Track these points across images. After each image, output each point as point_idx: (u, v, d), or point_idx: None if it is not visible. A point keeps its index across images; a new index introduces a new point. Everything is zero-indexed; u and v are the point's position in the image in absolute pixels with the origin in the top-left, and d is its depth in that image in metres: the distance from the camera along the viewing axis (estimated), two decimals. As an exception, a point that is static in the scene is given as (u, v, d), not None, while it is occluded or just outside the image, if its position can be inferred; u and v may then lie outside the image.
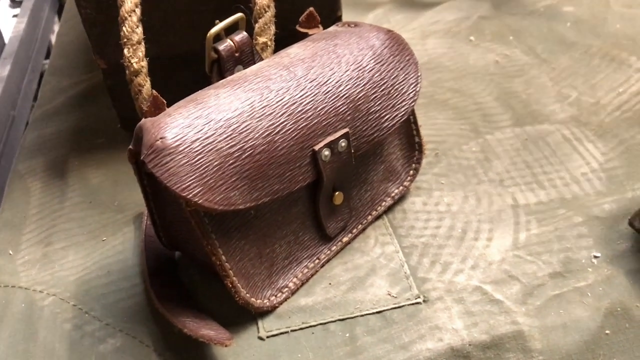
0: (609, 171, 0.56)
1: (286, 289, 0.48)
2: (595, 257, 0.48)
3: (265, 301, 0.46)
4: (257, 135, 0.42)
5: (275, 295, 0.47)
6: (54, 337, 0.47)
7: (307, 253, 0.49)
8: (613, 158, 0.57)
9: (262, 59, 0.50)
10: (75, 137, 0.67)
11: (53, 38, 1.23)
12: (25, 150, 0.67)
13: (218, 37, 0.48)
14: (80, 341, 0.47)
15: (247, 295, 0.45)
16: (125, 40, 0.49)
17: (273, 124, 0.42)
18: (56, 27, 1.30)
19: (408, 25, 0.80)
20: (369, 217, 0.53)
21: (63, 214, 0.58)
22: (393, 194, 0.54)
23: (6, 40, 1.08)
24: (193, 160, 0.39)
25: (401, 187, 0.54)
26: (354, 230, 0.52)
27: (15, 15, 1.41)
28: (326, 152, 0.45)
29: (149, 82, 0.50)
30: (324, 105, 0.45)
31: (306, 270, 0.49)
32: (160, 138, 0.39)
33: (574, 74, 0.68)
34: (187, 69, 0.58)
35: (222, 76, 0.48)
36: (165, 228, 0.48)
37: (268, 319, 0.46)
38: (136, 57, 0.49)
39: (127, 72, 0.49)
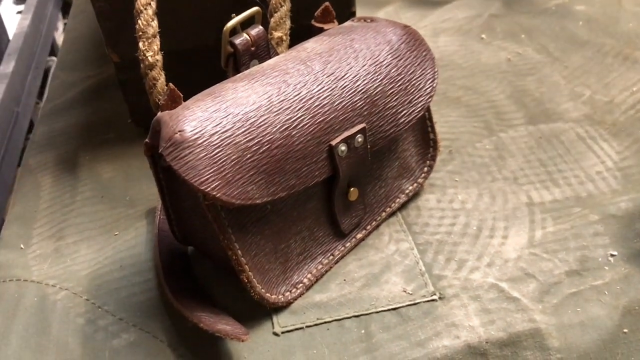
0: (624, 170, 0.55)
1: (301, 284, 0.47)
2: (612, 255, 0.48)
3: (280, 297, 0.46)
4: (274, 130, 0.41)
5: (290, 291, 0.47)
6: (67, 332, 0.47)
7: (322, 249, 0.49)
8: (628, 157, 0.57)
9: (277, 54, 0.50)
10: (86, 131, 0.67)
11: (57, 35, 1.23)
12: (36, 145, 0.66)
13: (234, 31, 0.48)
14: (94, 336, 0.46)
15: (263, 290, 0.45)
16: (140, 33, 0.48)
17: (290, 118, 0.42)
18: (60, 24, 1.29)
19: (419, 22, 0.80)
20: (383, 214, 0.52)
21: (74, 209, 0.57)
22: (407, 191, 0.54)
23: (10, 37, 1.07)
24: (211, 154, 0.39)
25: (415, 184, 0.54)
26: (368, 227, 0.51)
27: (19, 12, 1.41)
28: (343, 147, 0.45)
29: (163, 75, 0.50)
30: (341, 100, 0.45)
31: (320, 266, 0.49)
32: (179, 131, 0.39)
33: (587, 73, 0.68)
34: (201, 63, 0.58)
35: (237, 70, 0.48)
36: (180, 223, 0.48)
37: (283, 315, 0.46)
38: (151, 51, 0.48)
39: (141, 65, 0.49)
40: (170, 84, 0.43)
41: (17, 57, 1.01)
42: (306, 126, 0.43)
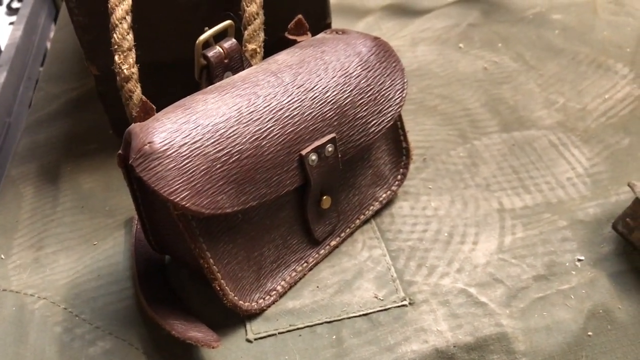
0: (593, 176, 0.56)
1: (274, 292, 0.48)
2: (579, 260, 0.49)
3: (253, 304, 0.47)
4: (244, 140, 0.42)
5: (264, 298, 0.48)
6: (44, 340, 0.47)
7: (295, 257, 0.50)
8: (598, 163, 0.58)
9: (251, 65, 0.51)
10: (68, 143, 0.68)
11: (49, 45, 1.24)
12: (18, 156, 0.67)
13: (207, 44, 0.49)
14: (70, 344, 0.47)
15: (235, 298, 0.46)
16: (116, 47, 0.50)
17: (260, 129, 0.43)
18: (52, 34, 1.30)
19: (399, 32, 0.81)
20: (357, 221, 0.53)
21: (55, 219, 0.58)
22: (381, 199, 0.55)
23: (2, 48, 1.08)
24: (180, 165, 0.40)
25: (389, 192, 0.55)
26: (342, 234, 0.52)
27: (11, 23, 1.42)
28: (313, 157, 0.46)
29: (139, 88, 0.51)
30: (311, 110, 0.46)
31: (294, 273, 0.50)
32: (149, 142, 0.40)
33: (562, 81, 0.69)
34: (177, 76, 0.59)
35: (211, 82, 0.49)
36: (155, 232, 0.49)
37: (256, 322, 0.47)
38: (127, 64, 0.49)
39: (118, 78, 0.50)
40: (143, 97, 0.44)
41: (8, 68, 1.02)
42: (276, 136, 0.44)
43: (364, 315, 0.47)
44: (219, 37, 0.50)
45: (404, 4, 0.87)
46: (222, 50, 0.49)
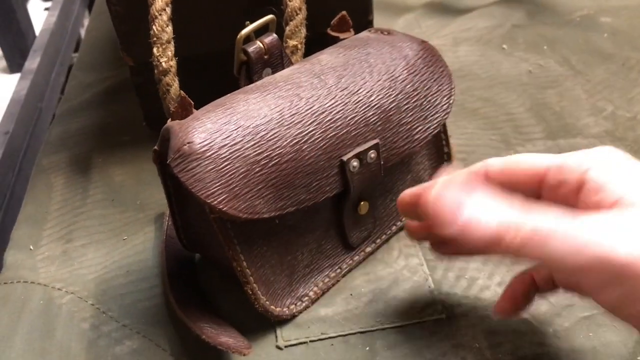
0: (643, 190, 0.54)
1: (306, 297, 0.47)
2: (628, 280, 0.47)
3: (284, 309, 0.46)
4: (285, 144, 0.41)
5: (295, 304, 0.46)
6: (71, 336, 0.47)
7: (329, 262, 0.48)
8: (648, 177, 0.55)
9: (291, 62, 0.50)
10: (100, 133, 0.67)
11: (83, 32, 1.24)
12: (50, 145, 0.67)
13: (248, 39, 0.47)
14: (97, 341, 0.46)
15: (267, 302, 0.44)
16: (155, 39, 0.48)
17: (302, 132, 0.42)
18: (86, 21, 1.30)
19: (439, 31, 0.79)
20: (394, 228, 0.52)
21: (84, 211, 0.57)
22: (419, 205, 0.53)
23: (37, 33, 1.08)
24: (219, 167, 0.39)
25: (428, 198, 0.53)
26: (378, 241, 0.51)
27: (46, 9, 1.42)
28: (355, 163, 0.44)
29: (177, 81, 0.49)
30: (354, 115, 0.44)
31: (327, 279, 0.48)
32: (188, 143, 0.38)
33: (610, 87, 0.66)
34: (215, 69, 0.57)
35: (250, 78, 0.48)
36: (187, 230, 0.47)
37: (287, 328, 0.46)
38: (165, 57, 0.48)
39: (155, 71, 0.49)
40: (182, 92, 0.43)
41: (42, 54, 1.02)
42: (317, 140, 0.42)
43: (399, 327, 0.45)
44: (259, 32, 0.48)
45: (445, 1, 0.85)
46: (262, 46, 0.47)
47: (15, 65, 1.52)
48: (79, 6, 1.30)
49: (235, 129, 0.40)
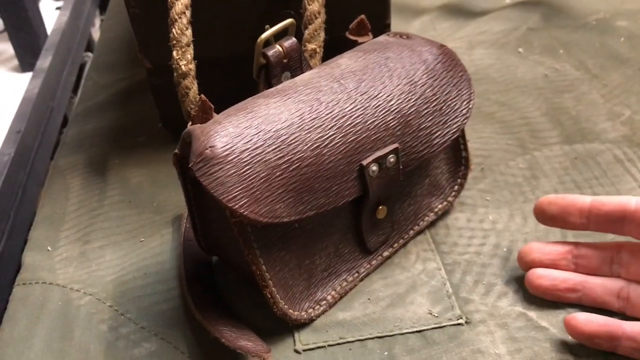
0: (662, 196, 0.53)
1: (324, 301, 0.47)
2: (647, 286, 0.46)
3: (302, 313, 0.46)
4: (305, 148, 0.41)
5: (313, 308, 0.46)
6: (90, 338, 0.47)
7: (347, 266, 0.48)
8: (667, 182, 0.55)
9: (310, 66, 0.50)
10: (117, 134, 0.67)
11: (94, 31, 1.25)
12: (66, 146, 0.67)
13: (267, 43, 0.48)
14: (115, 343, 0.46)
15: (285, 306, 0.44)
16: (174, 42, 0.48)
17: (322, 136, 0.42)
18: (97, 20, 1.31)
19: (455, 34, 0.79)
20: (411, 232, 0.51)
21: (102, 213, 0.58)
22: (436, 209, 0.53)
23: (48, 32, 1.09)
24: (241, 171, 0.39)
25: (445, 202, 0.53)
26: (395, 245, 0.51)
27: (58, 8, 1.43)
28: (374, 168, 0.44)
29: (196, 84, 0.50)
30: (374, 119, 0.44)
31: (345, 283, 0.48)
32: (210, 147, 0.39)
33: (627, 92, 0.66)
34: (233, 72, 0.57)
35: (269, 82, 0.48)
36: (206, 233, 0.47)
37: (305, 332, 0.46)
38: (185, 60, 0.48)
39: (175, 74, 0.49)
40: (202, 95, 0.43)
41: (54, 53, 1.02)
42: (337, 145, 0.42)
43: (417, 332, 0.45)
44: (278, 36, 0.48)
45: (460, 4, 0.84)
46: (281, 50, 0.47)
47: (27, 64, 1.53)
48: (90, 5, 1.31)
49: (257, 133, 0.40)
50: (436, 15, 0.83)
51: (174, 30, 0.48)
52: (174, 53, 0.48)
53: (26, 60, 1.52)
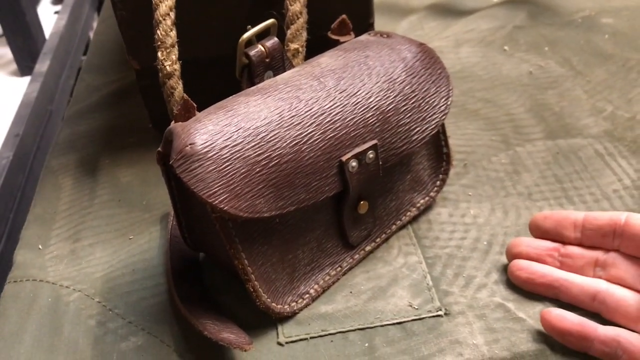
0: (641, 189, 0.54)
1: (307, 295, 0.48)
2: (623, 277, 0.47)
3: (285, 306, 0.47)
4: (284, 145, 0.42)
5: (296, 301, 0.47)
6: (78, 333, 0.48)
7: (330, 260, 0.49)
8: (646, 176, 0.56)
9: (292, 65, 0.51)
10: (108, 135, 0.69)
11: (92, 35, 1.26)
12: (59, 147, 0.68)
13: (250, 42, 0.49)
14: (103, 338, 0.47)
15: (268, 300, 0.45)
16: (159, 43, 0.49)
17: (301, 133, 0.43)
18: (95, 24, 1.32)
19: (442, 32, 0.80)
20: (393, 227, 0.52)
21: (92, 211, 0.59)
22: (418, 204, 0.54)
23: (47, 36, 1.10)
24: (221, 167, 0.40)
25: (427, 198, 0.54)
26: (378, 239, 0.52)
27: (56, 12, 1.44)
28: (353, 163, 0.45)
29: (181, 85, 0.51)
30: (353, 116, 0.45)
31: (328, 277, 0.49)
32: (190, 144, 0.40)
33: (610, 88, 0.67)
34: (218, 73, 0.59)
35: (252, 81, 0.49)
36: (190, 229, 0.49)
37: (288, 325, 0.47)
38: (169, 60, 0.49)
39: (160, 75, 0.50)
40: (184, 95, 0.44)
41: (52, 57, 1.04)
42: (317, 141, 0.43)
43: (397, 323, 0.46)
44: (261, 36, 0.49)
45: (448, 3, 0.85)
46: (264, 49, 0.48)
47: (25, 68, 1.54)
48: (88, 9, 1.32)
49: (236, 131, 0.41)
50: (424, 15, 0.84)
51: (158, 31, 0.50)
52: (159, 54, 0.50)
53: (24, 64, 1.53)
